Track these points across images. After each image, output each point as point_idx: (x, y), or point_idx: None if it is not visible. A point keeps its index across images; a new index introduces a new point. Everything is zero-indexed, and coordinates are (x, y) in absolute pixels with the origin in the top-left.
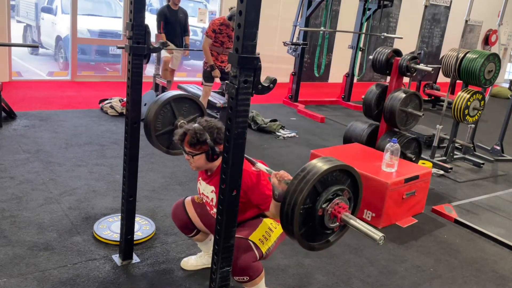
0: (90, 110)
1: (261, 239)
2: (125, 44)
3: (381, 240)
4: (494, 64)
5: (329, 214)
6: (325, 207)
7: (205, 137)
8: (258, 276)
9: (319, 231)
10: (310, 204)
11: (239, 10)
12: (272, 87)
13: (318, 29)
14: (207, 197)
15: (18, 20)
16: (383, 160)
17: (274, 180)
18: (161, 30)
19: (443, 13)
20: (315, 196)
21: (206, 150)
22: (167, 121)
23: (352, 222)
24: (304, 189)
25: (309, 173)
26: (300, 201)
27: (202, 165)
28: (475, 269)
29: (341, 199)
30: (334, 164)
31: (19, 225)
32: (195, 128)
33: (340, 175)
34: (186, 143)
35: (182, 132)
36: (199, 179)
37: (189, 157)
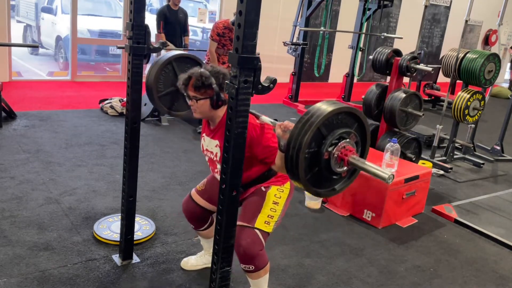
0: (90, 110)
1: (267, 220)
2: (125, 44)
3: (390, 178)
4: (494, 64)
5: (335, 158)
6: (331, 150)
7: (211, 81)
8: (263, 268)
9: (326, 176)
10: (315, 147)
11: (239, 10)
12: (272, 87)
13: (318, 29)
14: (211, 152)
15: (18, 20)
16: (383, 160)
17: (279, 131)
18: (161, 30)
19: (443, 13)
20: (320, 140)
21: (211, 95)
22: (169, 81)
23: (359, 164)
24: (308, 132)
25: (313, 115)
26: (304, 144)
27: (206, 111)
28: (475, 269)
29: (348, 142)
30: (339, 106)
31: (19, 225)
32: (200, 71)
33: (346, 118)
34: (190, 87)
35: (187, 76)
36: (203, 135)
37: (193, 102)
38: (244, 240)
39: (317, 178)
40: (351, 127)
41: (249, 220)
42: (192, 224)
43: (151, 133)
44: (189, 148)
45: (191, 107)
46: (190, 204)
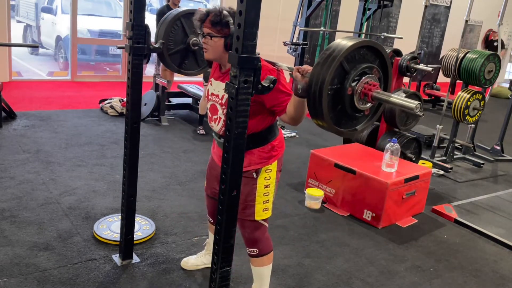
0: (90, 110)
1: (265, 208)
2: (125, 44)
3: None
4: (494, 64)
5: (359, 94)
6: (354, 85)
7: (229, 19)
8: (266, 254)
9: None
10: (338, 84)
11: (239, 10)
12: (272, 87)
13: (318, 29)
14: (216, 96)
15: (18, 20)
16: (383, 160)
17: (297, 74)
18: None
19: (443, 13)
20: (343, 75)
21: (227, 34)
22: (179, 39)
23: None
24: (331, 67)
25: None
26: (327, 80)
27: (218, 52)
28: (475, 269)
29: (371, 77)
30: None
31: (19, 225)
32: (219, 8)
33: (368, 53)
34: (207, 22)
35: (205, 12)
36: (210, 80)
37: (207, 40)
38: (248, 227)
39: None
40: (373, 63)
41: (246, 214)
42: (211, 218)
43: (151, 133)
44: (189, 148)
45: (203, 46)
46: (208, 200)
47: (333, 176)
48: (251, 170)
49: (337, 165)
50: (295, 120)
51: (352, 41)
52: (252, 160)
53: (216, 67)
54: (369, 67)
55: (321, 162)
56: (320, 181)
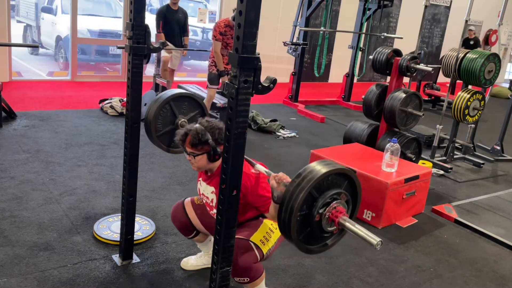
0: (90, 110)
1: (262, 240)
2: (125, 44)
3: (378, 245)
4: (494, 64)
5: (326, 219)
6: (322, 212)
7: (207, 137)
8: (258, 278)
9: (317, 235)
10: (306, 210)
11: (239, 10)
12: (272, 87)
13: (318, 29)
14: (207, 197)
15: (18, 20)
16: (383, 160)
17: (273, 182)
18: (160, 30)
19: (443, 13)
20: (311, 202)
21: (207, 150)
22: (167, 120)
23: (349, 226)
24: (299, 197)
25: (304, 179)
26: (296, 208)
27: (203, 165)
28: (475, 269)
29: (339, 202)
30: (329, 169)
31: (19, 225)
32: (196, 128)
33: (336, 178)
34: (187, 144)
35: (183, 133)
36: (199, 180)
37: (190, 157)
38: (238, 250)
39: (309, 237)
40: (341, 186)
41: (245, 233)
42: (180, 231)
43: None
44: None
45: (189, 161)
46: (179, 212)
47: None
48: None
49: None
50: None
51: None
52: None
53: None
54: (337, 192)
55: None
56: None
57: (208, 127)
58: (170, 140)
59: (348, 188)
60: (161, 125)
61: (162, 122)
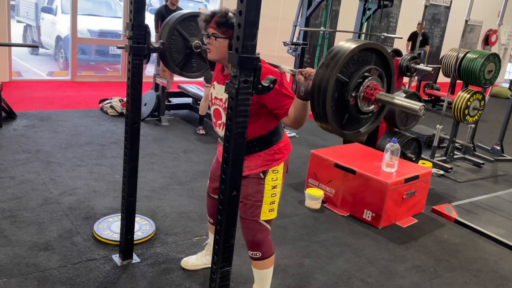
0: (90, 110)
1: (271, 208)
2: (125, 44)
3: (421, 110)
4: (494, 64)
5: (362, 99)
6: (355, 94)
7: (234, 20)
8: (269, 257)
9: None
10: (340, 97)
11: (239, 10)
12: (272, 87)
13: (318, 29)
14: (220, 100)
15: (18, 20)
16: (383, 160)
17: (300, 77)
18: (159, 29)
19: (443, 13)
20: (342, 87)
21: (231, 35)
22: (181, 46)
23: (387, 99)
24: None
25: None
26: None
27: (222, 52)
28: (475, 269)
29: (371, 79)
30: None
31: (19, 225)
32: (225, 9)
33: (362, 54)
34: (213, 23)
35: (210, 12)
36: (213, 83)
37: (211, 40)
38: (252, 230)
39: (346, 121)
40: (370, 62)
41: (253, 214)
42: (212, 219)
43: (151, 133)
44: (189, 148)
45: (208, 46)
46: (209, 200)
47: (333, 176)
48: (258, 171)
49: (337, 165)
50: (298, 123)
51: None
52: (258, 162)
53: (219, 70)
54: (367, 69)
55: (321, 162)
56: (320, 181)
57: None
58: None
59: (378, 61)
60: (176, 52)
61: (176, 49)
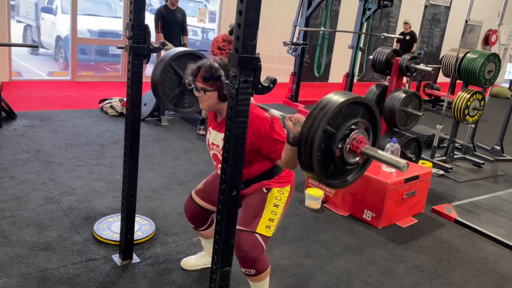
0: (90, 110)
1: (268, 225)
2: (125, 44)
3: (404, 167)
4: (494, 64)
5: (348, 151)
6: (342, 146)
7: (220, 73)
8: (264, 271)
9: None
10: (325, 148)
11: (239, 10)
12: (272, 87)
13: (318, 29)
14: (217, 146)
15: (18, 20)
16: None
17: (289, 123)
18: (159, 30)
19: (443, 13)
20: (329, 139)
21: (219, 87)
22: (175, 83)
23: (371, 153)
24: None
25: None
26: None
27: (213, 104)
28: (475, 269)
29: (358, 132)
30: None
31: (19, 225)
32: (210, 63)
33: (350, 107)
34: (199, 78)
35: (196, 67)
36: (209, 129)
37: (200, 94)
38: (245, 245)
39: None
40: (357, 116)
41: (249, 225)
42: (192, 224)
43: (151, 133)
44: (189, 148)
45: (199, 99)
46: (191, 205)
47: None
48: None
49: None
50: (291, 166)
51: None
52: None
53: (212, 116)
54: (354, 123)
55: None
56: None
57: (221, 64)
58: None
59: (365, 115)
60: (169, 88)
61: (170, 85)
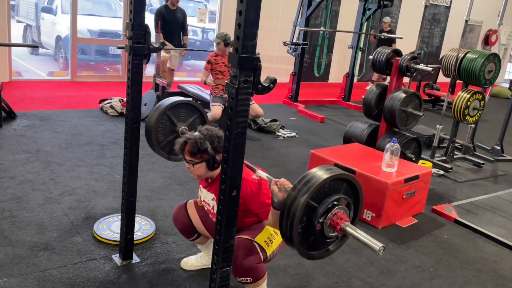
0: (90, 110)
1: (266, 241)
2: (125, 44)
3: (380, 250)
4: (494, 64)
5: (328, 226)
6: (322, 220)
7: (206, 145)
8: (261, 278)
9: (321, 241)
10: (307, 221)
11: (239, 10)
12: (272, 87)
13: (318, 29)
14: (208, 204)
15: (18, 20)
16: (383, 160)
17: (274, 188)
18: (159, 29)
19: (443, 13)
20: (311, 212)
21: (207, 158)
22: (168, 130)
23: (350, 231)
24: (297, 211)
25: (300, 192)
26: (296, 222)
27: (203, 173)
28: (475, 269)
29: (339, 208)
30: (324, 178)
31: (19, 225)
32: (195, 137)
33: (334, 183)
34: (187, 152)
35: (182, 141)
36: (200, 187)
37: (190, 165)
38: (242, 250)
39: (313, 244)
40: (340, 191)
41: (250, 236)
42: (182, 234)
43: None
44: None
45: (188, 170)
46: (181, 214)
47: None
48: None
49: (337, 165)
50: (275, 227)
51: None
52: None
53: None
54: (336, 198)
55: (321, 162)
56: None
57: (207, 135)
58: (170, 148)
59: (347, 190)
60: (162, 135)
61: (163, 132)
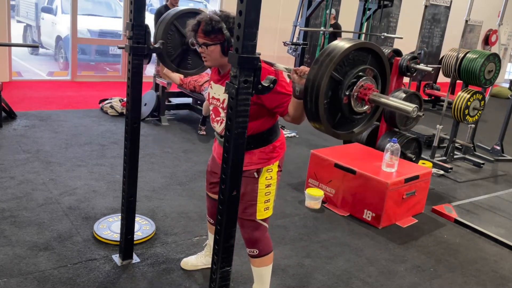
0: (90, 110)
1: (266, 207)
2: (125, 44)
3: (414, 111)
4: (494, 64)
5: (356, 99)
6: (349, 93)
7: (221, 25)
8: (267, 255)
9: (348, 118)
10: (333, 96)
11: (239, 10)
12: (272, 87)
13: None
14: (217, 100)
15: (18, 20)
16: (383, 160)
17: (295, 76)
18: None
19: (443, 13)
20: (336, 86)
21: (221, 40)
22: (177, 42)
23: (380, 100)
24: (321, 84)
25: (322, 64)
26: (321, 96)
27: (217, 58)
28: (475, 269)
29: (366, 79)
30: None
31: (19, 225)
32: (210, 15)
33: (358, 54)
34: (200, 32)
35: (196, 22)
36: (210, 83)
37: (203, 49)
38: (248, 228)
39: (339, 121)
40: (365, 62)
41: (248, 214)
42: (213, 219)
43: (151, 133)
44: (189, 148)
45: (202, 56)
46: (209, 201)
47: (333, 176)
48: (252, 170)
49: (337, 165)
50: (297, 120)
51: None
52: (253, 159)
53: (215, 69)
54: (362, 69)
55: (321, 162)
56: (320, 181)
57: (222, 16)
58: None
59: (373, 62)
60: (172, 48)
61: (172, 45)
